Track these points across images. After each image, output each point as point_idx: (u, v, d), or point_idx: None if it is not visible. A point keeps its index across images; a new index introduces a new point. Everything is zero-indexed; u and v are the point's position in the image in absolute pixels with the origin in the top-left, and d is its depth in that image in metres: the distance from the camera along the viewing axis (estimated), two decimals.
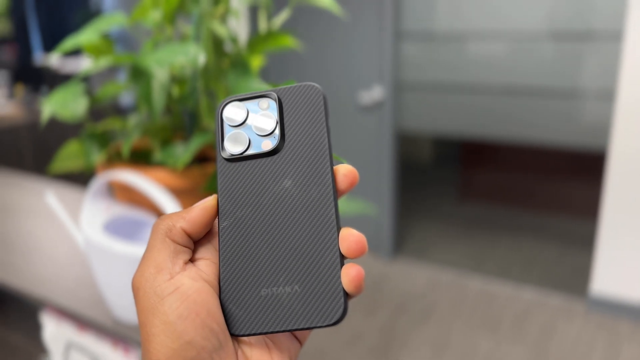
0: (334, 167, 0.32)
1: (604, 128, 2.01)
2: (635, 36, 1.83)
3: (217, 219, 0.32)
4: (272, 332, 0.29)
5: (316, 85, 0.33)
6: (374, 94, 2.39)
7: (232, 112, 0.33)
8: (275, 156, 0.32)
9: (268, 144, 0.32)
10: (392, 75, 2.34)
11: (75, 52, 3.30)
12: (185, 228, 0.30)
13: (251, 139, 0.33)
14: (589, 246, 2.64)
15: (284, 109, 0.33)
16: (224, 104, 0.34)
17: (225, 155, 0.33)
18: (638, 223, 1.99)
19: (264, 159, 0.32)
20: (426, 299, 2.31)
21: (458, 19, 2.19)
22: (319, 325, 0.29)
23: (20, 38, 3.75)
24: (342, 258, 0.30)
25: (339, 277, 0.29)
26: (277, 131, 0.32)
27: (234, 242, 0.31)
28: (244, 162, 0.32)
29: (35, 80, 3.14)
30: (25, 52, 3.80)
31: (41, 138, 2.80)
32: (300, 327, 0.29)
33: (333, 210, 0.30)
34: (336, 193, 0.31)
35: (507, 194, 3.25)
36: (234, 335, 0.30)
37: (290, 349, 0.31)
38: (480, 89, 2.22)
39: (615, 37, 1.90)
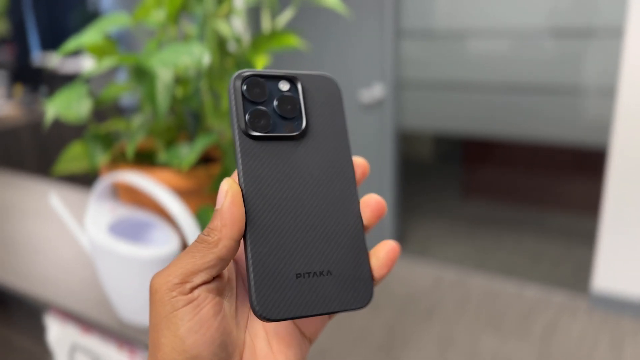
0: None
1: (605, 125, 2.01)
2: (636, 33, 1.82)
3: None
4: (306, 316, 0.29)
5: (333, 78, 0.33)
6: (375, 92, 2.38)
7: (253, 87, 0.31)
8: (300, 141, 0.31)
9: (292, 127, 0.31)
10: (393, 74, 2.33)
11: (74, 52, 3.29)
12: (235, 237, 0.28)
13: (274, 120, 0.31)
14: (592, 243, 2.64)
15: (305, 95, 0.32)
16: (242, 76, 0.31)
17: (249, 132, 0.30)
18: (639, 219, 1.98)
19: (289, 142, 0.31)
20: (430, 297, 2.30)
21: (458, 16, 2.18)
22: (351, 308, 0.30)
23: (18, 38, 3.74)
24: (366, 244, 0.31)
25: (367, 262, 0.31)
26: (302, 116, 0.32)
27: (263, 225, 0.29)
28: (268, 143, 0.31)
29: (34, 80, 3.13)
30: (23, 52, 3.79)
31: (41, 138, 2.80)
32: (334, 310, 0.29)
33: (357, 198, 0.31)
34: (356, 184, 0.32)
35: (510, 191, 3.24)
36: (269, 321, 0.28)
37: (297, 353, 0.31)
38: (481, 86, 2.21)
39: (616, 34, 1.90)
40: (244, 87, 0.31)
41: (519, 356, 1.93)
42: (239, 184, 0.30)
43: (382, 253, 0.30)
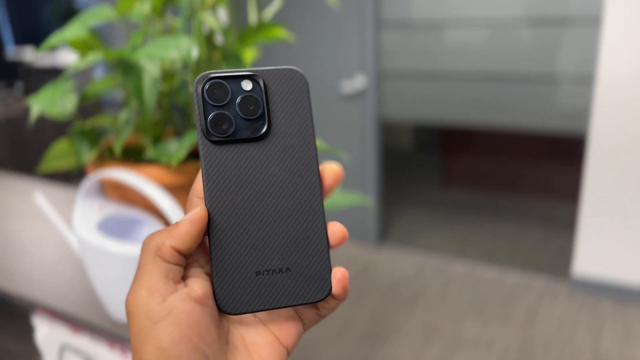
0: (321, 166, 0.33)
1: (583, 112, 2.04)
2: (612, 21, 1.86)
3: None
4: (265, 310, 0.31)
5: (299, 70, 0.32)
6: (357, 83, 2.38)
7: (215, 90, 0.31)
8: (263, 142, 0.32)
9: (255, 129, 0.31)
10: (374, 64, 2.34)
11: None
12: (175, 245, 0.29)
13: (236, 122, 0.31)
14: (571, 228, 2.70)
15: (269, 93, 0.32)
16: (203, 80, 0.31)
17: (210, 137, 0.31)
18: (617, 205, 2.03)
19: (251, 144, 0.32)
20: (413, 285, 2.33)
21: (437, 6, 2.19)
22: (308, 301, 0.31)
23: None
24: (328, 241, 0.32)
25: (327, 257, 0.31)
26: (265, 116, 0.32)
27: (224, 226, 0.31)
28: (230, 146, 0.31)
29: (9, 75, 3.05)
30: None
31: (17, 135, 2.73)
32: (291, 304, 0.31)
33: (320, 196, 0.32)
34: (321, 181, 0.32)
35: (489, 179, 3.29)
36: (228, 314, 0.30)
37: (289, 336, 0.32)
38: (460, 76, 2.23)
39: (593, 22, 1.93)
40: (205, 90, 0.31)
41: (501, 340, 1.97)
42: (203, 187, 0.31)
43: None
